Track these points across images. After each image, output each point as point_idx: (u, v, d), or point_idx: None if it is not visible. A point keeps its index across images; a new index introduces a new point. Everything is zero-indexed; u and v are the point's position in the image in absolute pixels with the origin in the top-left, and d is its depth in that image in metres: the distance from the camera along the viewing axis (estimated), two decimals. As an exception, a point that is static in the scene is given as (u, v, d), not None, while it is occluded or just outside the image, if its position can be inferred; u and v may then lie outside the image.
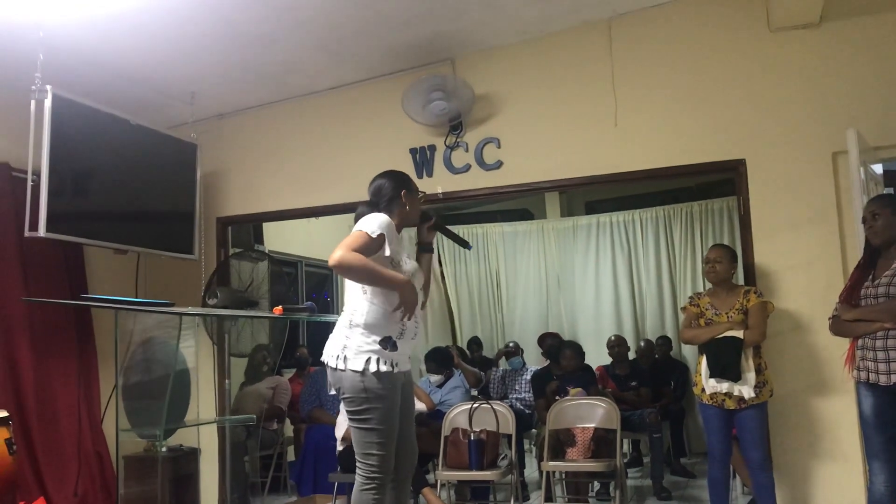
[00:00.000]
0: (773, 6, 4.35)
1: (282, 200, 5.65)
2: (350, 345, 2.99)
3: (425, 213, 3.35)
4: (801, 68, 4.43)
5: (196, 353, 5.19)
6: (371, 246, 2.92)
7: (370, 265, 2.87)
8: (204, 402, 5.46)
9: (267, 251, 6.61)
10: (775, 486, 4.09)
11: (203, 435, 5.35)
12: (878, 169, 4.22)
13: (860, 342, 3.40)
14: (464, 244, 3.67)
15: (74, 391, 5.03)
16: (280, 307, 3.92)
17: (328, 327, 3.21)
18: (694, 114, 4.63)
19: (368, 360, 2.95)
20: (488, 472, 4.66)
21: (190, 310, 4.39)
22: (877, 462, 3.31)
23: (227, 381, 5.33)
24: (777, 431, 4.29)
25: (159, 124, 5.26)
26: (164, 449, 4.67)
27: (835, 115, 4.28)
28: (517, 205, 9.11)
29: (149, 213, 5.08)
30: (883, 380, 3.27)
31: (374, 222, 2.99)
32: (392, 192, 3.20)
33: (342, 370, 2.97)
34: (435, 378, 5.93)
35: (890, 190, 4.28)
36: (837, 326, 3.51)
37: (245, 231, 6.59)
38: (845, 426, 4.17)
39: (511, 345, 7.30)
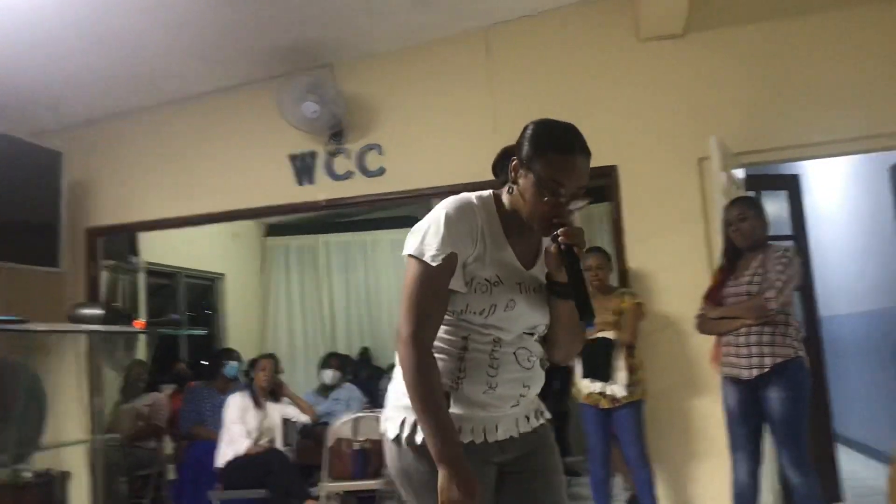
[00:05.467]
0: (641, 17, 4.51)
1: (157, 209, 5.44)
2: (390, 394, 1.86)
3: (558, 223, 1.73)
4: (667, 77, 4.61)
5: (61, 371, 4.91)
6: (435, 289, 1.72)
7: (423, 384, 1.67)
8: (74, 422, 5.17)
9: (142, 263, 6.35)
10: (654, 481, 4.22)
11: (75, 457, 5.07)
12: (740, 174, 4.43)
13: (724, 339, 3.55)
14: (586, 315, 1.72)
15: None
16: (142, 321, 3.73)
17: (210, 342, 2.93)
18: (568, 121, 4.72)
19: (403, 424, 1.78)
20: (373, 482, 4.61)
21: (41, 326, 4.13)
22: (740, 453, 3.46)
23: (99, 399, 5.07)
24: (654, 428, 4.43)
25: (22, 131, 4.97)
26: (28, 475, 4.39)
27: (700, 122, 4.47)
28: (403, 212, 9.09)
29: (7, 225, 4.78)
30: (745, 374, 3.42)
31: (433, 223, 1.73)
32: (507, 154, 1.86)
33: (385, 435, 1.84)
34: (330, 376, 5.83)
35: (752, 193, 4.48)
36: (703, 324, 3.65)
37: (119, 242, 6.30)
38: (715, 421, 4.33)
39: (402, 352, 7.25)
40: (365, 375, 7.06)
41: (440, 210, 1.74)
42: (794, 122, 4.47)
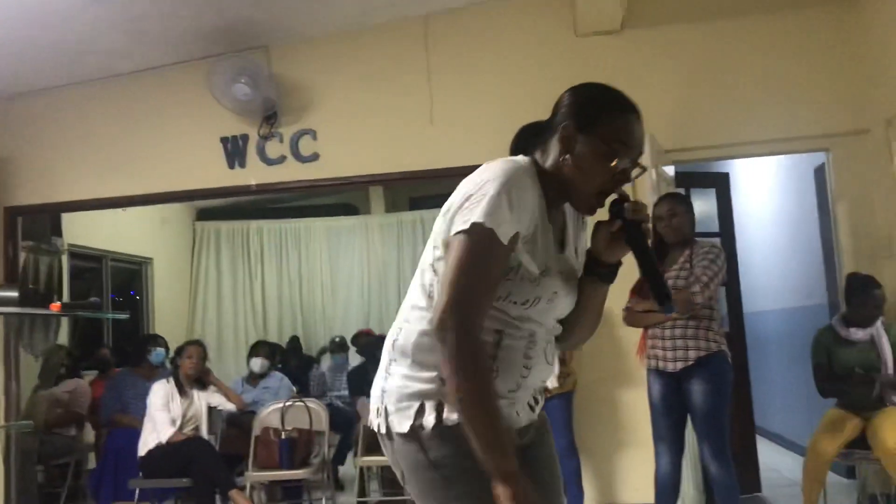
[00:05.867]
0: (579, 12, 4.54)
1: (82, 190, 5.26)
2: (390, 387, 1.56)
3: (617, 202, 1.58)
4: (603, 73, 4.61)
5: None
6: (498, 270, 1.46)
7: (481, 385, 1.41)
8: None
9: (65, 245, 6.13)
10: (581, 472, 4.28)
11: (-13, 445, 4.89)
12: (670, 171, 4.50)
13: (650, 332, 3.61)
14: (664, 299, 1.53)
15: None
16: (58, 303, 3.60)
17: (136, 328, 2.84)
18: (505, 113, 4.73)
19: (422, 411, 1.50)
20: (300, 471, 4.56)
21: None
22: (662, 444, 3.53)
23: (15, 384, 4.89)
24: (581, 419, 4.48)
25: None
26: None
27: (633, 118, 4.52)
28: (341, 199, 9.02)
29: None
30: (670, 367, 3.48)
31: (500, 189, 1.44)
32: (560, 117, 1.59)
33: (385, 436, 1.57)
34: (259, 365, 5.75)
35: (681, 190, 4.56)
36: (630, 317, 3.70)
37: (41, 222, 6.07)
38: (641, 412, 4.41)
39: (337, 340, 7.19)
40: (295, 364, 6.97)
41: (502, 175, 1.45)
42: (725, 121, 4.57)
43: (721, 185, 5.21)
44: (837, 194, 4.62)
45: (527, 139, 1.67)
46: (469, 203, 1.44)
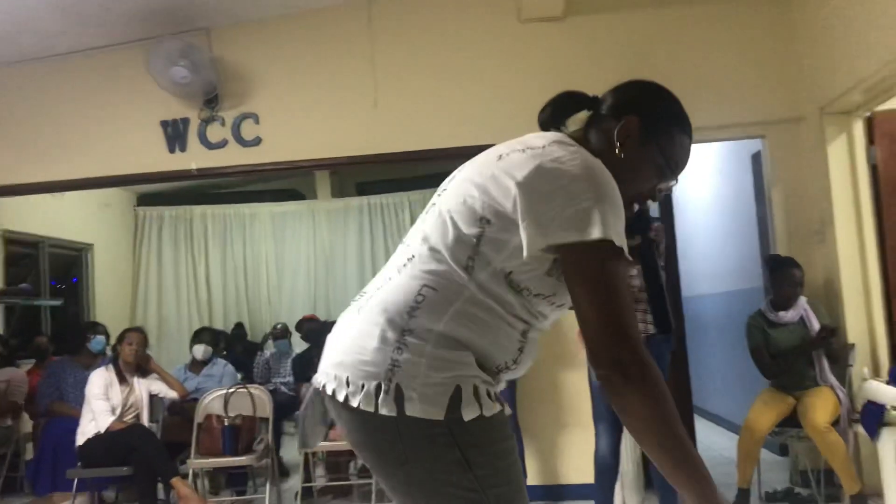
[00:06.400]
0: (523, -2, 4.57)
1: (16, 174, 5.12)
2: (406, 362, 1.31)
3: (641, 215, 1.52)
4: (546, 59, 4.69)
5: None
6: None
7: (675, 419, 1.27)
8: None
9: (0, 230, 5.96)
10: (525, 453, 4.34)
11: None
12: (611, 156, 4.56)
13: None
14: (665, 325, 1.55)
15: None
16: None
17: (76, 315, 2.76)
18: (449, 99, 4.76)
19: (459, 394, 1.30)
20: (243, 458, 4.52)
21: None
22: (601, 424, 3.59)
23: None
24: (525, 401, 4.54)
25: None
26: None
27: (576, 105, 4.57)
28: (287, 185, 8.93)
29: None
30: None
31: (609, 195, 1.31)
32: (623, 106, 1.50)
33: (372, 414, 1.32)
34: (202, 351, 5.68)
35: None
36: (571, 301, 3.75)
37: (-27, 207, 5.91)
38: (582, 394, 4.48)
39: (279, 326, 7.16)
40: (239, 350, 6.91)
41: (602, 174, 1.32)
42: (664, 108, 4.64)
43: (661, 171, 5.29)
44: (773, 180, 4.74)
45: (568, 107, 1.54)
46: (583, 207, 1.26)
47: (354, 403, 1.31)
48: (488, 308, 1.33)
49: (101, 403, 4.59)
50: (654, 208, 5.17)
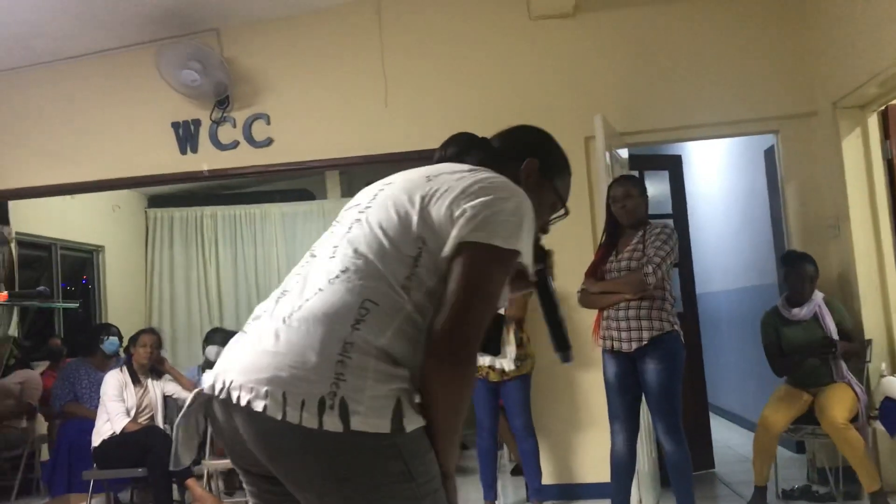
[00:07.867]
0: (533, -5, 4.55)
1: (29, 177, 5.14)
2: (352, 376, 1.29)
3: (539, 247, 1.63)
4: (557, 56, 4.68)
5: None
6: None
7: (465, 407, 1.38)
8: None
9: (12, 233, 5.98)
10: (539, 452, 4.32)
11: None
12: (623, 153, 4.54)
13: (605, 313, 3.65)
14: (562, 346, 1.70)
15: None
16: (5, 293, 3.51)
17: (89, 317, 2.78)
18: (460, 97, 4.74)
19: (399, 406, 1.31)
20: (258, 458, 4.52)
21: None
22: (617, 423, 3.58)
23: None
24: (538, 400, 4.52)
25: None
26: None
27: (587, 101, 4.56)
28: (297, 185, 8.93)
29: None
30: (625, 347, 3.53)
31: (526, 213, 1.42)
32: (521, 148, 1.62)
33: (330, 432, 1.27)
34: (214, 353, 5.68)
35: (635, 173, 4.61)
36: (585, 299, 3.74)
37: (-13, 211, 5.93)
38: (597, 392, 4.47)
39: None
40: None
41: (525, 196, 1.44)
42: (677, 104, 4.63)
43: (674, 167, 5.28)
44: (786, 175, 4.71)
45: (466, 148, 1.64)
46: (503, 219, 1.36)
47: (294, 420, 1.26)
48: (422, 328, 1.36)
49: (117, 405, 4.60)
50: (666, 204, 5.15)
